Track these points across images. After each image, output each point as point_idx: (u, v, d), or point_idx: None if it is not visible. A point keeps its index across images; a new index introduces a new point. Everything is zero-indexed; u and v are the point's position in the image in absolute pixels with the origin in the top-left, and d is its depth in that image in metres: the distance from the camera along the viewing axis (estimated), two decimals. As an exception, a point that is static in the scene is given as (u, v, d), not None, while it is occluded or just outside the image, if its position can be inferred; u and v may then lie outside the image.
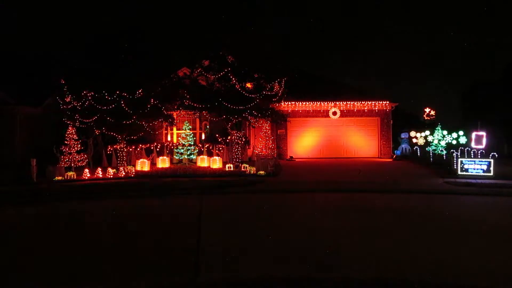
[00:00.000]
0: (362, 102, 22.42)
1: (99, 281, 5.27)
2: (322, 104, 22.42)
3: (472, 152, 17.45)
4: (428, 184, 13.39)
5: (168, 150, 19.35)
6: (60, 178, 14.43)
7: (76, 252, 6.46)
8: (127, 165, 16.53)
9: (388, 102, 22.61)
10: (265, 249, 6.50)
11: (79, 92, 16.03)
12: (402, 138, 22.22)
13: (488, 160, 14.42)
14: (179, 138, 18.71)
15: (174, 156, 18.36)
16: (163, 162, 17.47)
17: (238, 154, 17.63)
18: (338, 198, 11.40)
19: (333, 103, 22.42)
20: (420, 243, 6.82)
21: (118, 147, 16.84)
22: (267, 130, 20.00)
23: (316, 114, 22.59)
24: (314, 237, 7.22)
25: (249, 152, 20.81)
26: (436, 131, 19.71)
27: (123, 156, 16.66)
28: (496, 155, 15.18)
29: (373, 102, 22.45)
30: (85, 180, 14.43)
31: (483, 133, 16.75)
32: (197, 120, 21.45)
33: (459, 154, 15.39)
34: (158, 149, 19.28)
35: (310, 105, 22.37)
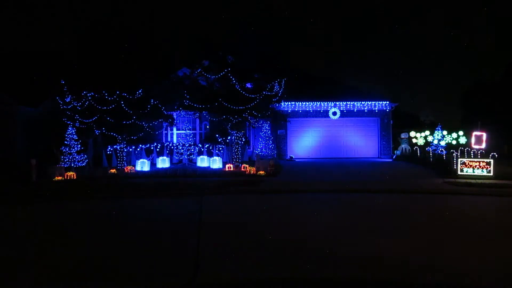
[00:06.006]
0: (362, 102, 22.43)
1: (98, 281, 5.27)
2: (322, 104, 22.42)
3: (472, 152, 17.44)
4: (428, 184, 13.38)
5: (168, 150, 19.36)
6: (60, 178, 14.42)
7: (77, 253, 6.45)
8: (127, 165, 16.54)
9: (388, 102, 22.62)
10: (265, 250, 6.50)
11: (79, 92, 16.03)
12: (402, 138, 22.22)
13: (488, 160, 14.40)
14: (179, 138, 18.71)
15: (174, 156, 18.36)
16: (163, 162, 17.48)
17: (238, 154, 17.63)
18: (338, 198, 11.39)
19: (333, 103, 22.42)
20: (420, 243, 6.82)
21: (118, 147, 16.84)
22: (267, 130, 20.01)
23: (316, 114, 22.59)
24: (314, 237, 7.21)
25: (249, 152, 20.82)
26: (436, 131, 19.71)
27: (123, 156, 16.67)
28: (496, 155, 15.17)
29: (373, 102, 22.45)
30: (85, 180, 14.42)
31: (483, 133, 16.75)
32: (197, 120, 21.46)
33: (459, 154, 15.38)
34: (158, 149, 19.28)
35: (310, 105, 22.38)
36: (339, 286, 5.14)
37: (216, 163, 17.15)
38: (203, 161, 17.60)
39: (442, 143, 19.45)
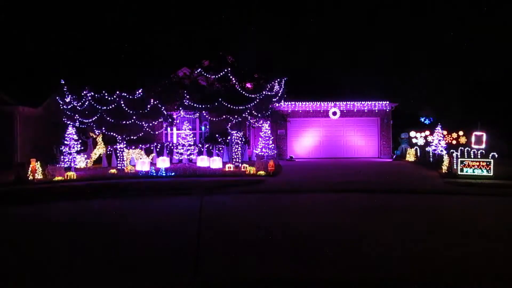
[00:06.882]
0: (362, 102, 22.42)
1: (97, 280, 5.26)
2: (322, 104, 22.41)
3: (472, 152, 17.44)
4: (429, 184, 13.38)
5: (168, 150, 19.34)
6: (60, 178, 14.40)
7: (76, 253, 6.45)
8: (127, 165, 16.53)
9: (388, 102, 22.60)
10: (265, 249, 6.50)
11: (79, 92, 16.03)
12: (402, 138, 22.20)
13: (488, 160, 14.40)
14: (179, 138, 18.70)
15: (174, 156, 18.34)
16: (163, 162, 17.44)
17: (238, 154, 17.61)
18: (338, 198, 11.39)
19: (333, 103, 22.41)
20: (420, 243, 6.82)
21: (118, 147, 16.84)
22: (267, 130, 19.98)
23: (316, 114, 22.58)
24: (314, 237, 7.21)
25: (249, 152, 20.81)
26: (436, 131, 19.70)
27: (123, 156, 16.66)
28: (496, 155, 15.17)
29: (373, 102, 22.44)
30: (85, 180, 14.41)
31: (483, 133, 16.76)
32: (197, 120, 21.45)
33: (459, 154, 15.38)
34: (158, 149, 19.27)
35: (310, 105, 22.37)
36: (339, 286, 5.13)
37: (216, 163, 17.11)
38: (203, 161, 17.56)
39: (442, 143, 19.44)
